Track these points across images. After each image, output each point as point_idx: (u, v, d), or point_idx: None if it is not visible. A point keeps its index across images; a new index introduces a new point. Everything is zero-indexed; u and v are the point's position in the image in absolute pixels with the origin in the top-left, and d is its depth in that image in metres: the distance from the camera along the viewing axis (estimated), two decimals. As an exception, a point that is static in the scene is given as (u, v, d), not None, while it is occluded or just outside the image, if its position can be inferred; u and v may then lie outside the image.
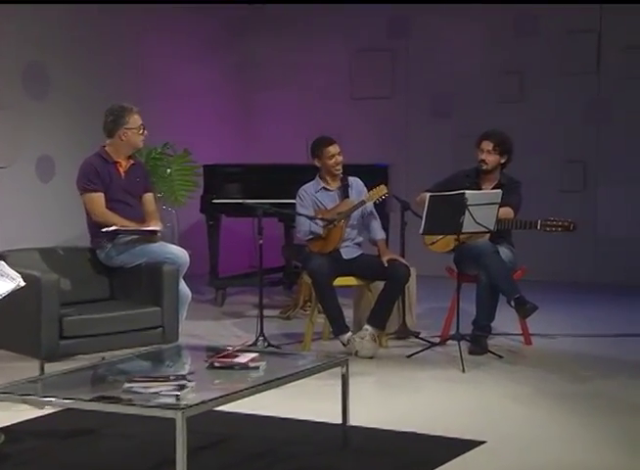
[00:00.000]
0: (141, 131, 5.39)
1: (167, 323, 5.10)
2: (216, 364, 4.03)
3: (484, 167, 5.98)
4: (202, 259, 7.10)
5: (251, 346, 5.48)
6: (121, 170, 5.40)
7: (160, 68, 8.54)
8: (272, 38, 9.43)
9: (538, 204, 7.64)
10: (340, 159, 5.90)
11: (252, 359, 4.04)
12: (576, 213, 6.95)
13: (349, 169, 6.01)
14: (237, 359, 4.04)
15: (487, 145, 5.97)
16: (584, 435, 4.27)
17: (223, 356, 4.06)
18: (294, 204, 6.02)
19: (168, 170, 7.13)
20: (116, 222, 5.24)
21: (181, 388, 3.61)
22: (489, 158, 5.96)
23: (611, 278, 8.37)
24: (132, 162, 5.47)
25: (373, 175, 6.74)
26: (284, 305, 7.30)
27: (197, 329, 6.36)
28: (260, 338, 5.75)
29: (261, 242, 5.79)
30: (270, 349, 5.60)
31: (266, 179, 7.44)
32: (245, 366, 4.00)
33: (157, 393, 3.59)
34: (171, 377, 3.71)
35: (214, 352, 4.18)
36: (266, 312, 6.12)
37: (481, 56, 8.83)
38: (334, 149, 5.90)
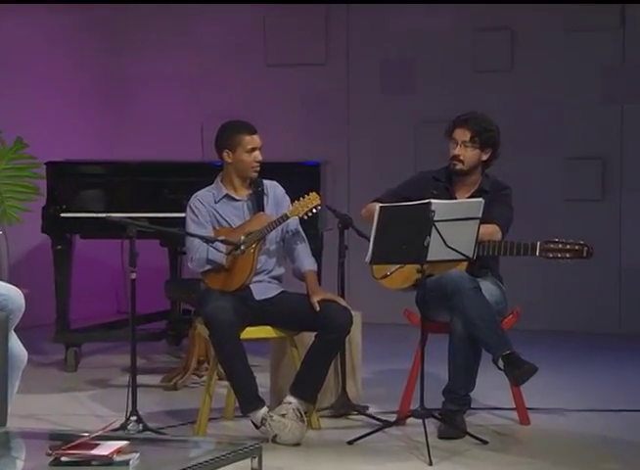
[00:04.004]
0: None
1: (-8, 398, 5.02)
2: (65, 459, 3.99)
3: (458, 167, 6.02)
4: (45, 303, 7.06)
5: (117, 430, 5.45)
6: None
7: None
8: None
9: (537, 219, 7.72)
10: (260, 157, 5.90)
11: (120, 450, 4.01)
12: (592, 233, 7.02)
13: (265, 169, 6.00)
14: (96, 451, 4.01)
15: (463, 135, 6.00)
16: None
17: (75, 447, 4.02)
18: (183, 219, 6.01)
19: (-7, 170, 7.09)
20: None
21: (10, 495, 3.55)
22: (466, 153, 6.00)
23: (641, 327, 8.50)
24: (-60, 157, 5.39)
25: (299, 178, 6.78)
26: (168, 368, 7.30)
27: (36, 406, 6.31)
28: (132, 418, 5.71)
29: (134, 276, 5.74)
30: (147, 433, 5.57)
31: (142, 183, 7.41)
32: (108, 460, 3.97)
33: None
34: (-4, 479, 3.65)
35: (62, 440, 4.14)
36: (142, 379, 6.09)
37: (452, 6, 8.92)
38: (254, 140, 5.90)
